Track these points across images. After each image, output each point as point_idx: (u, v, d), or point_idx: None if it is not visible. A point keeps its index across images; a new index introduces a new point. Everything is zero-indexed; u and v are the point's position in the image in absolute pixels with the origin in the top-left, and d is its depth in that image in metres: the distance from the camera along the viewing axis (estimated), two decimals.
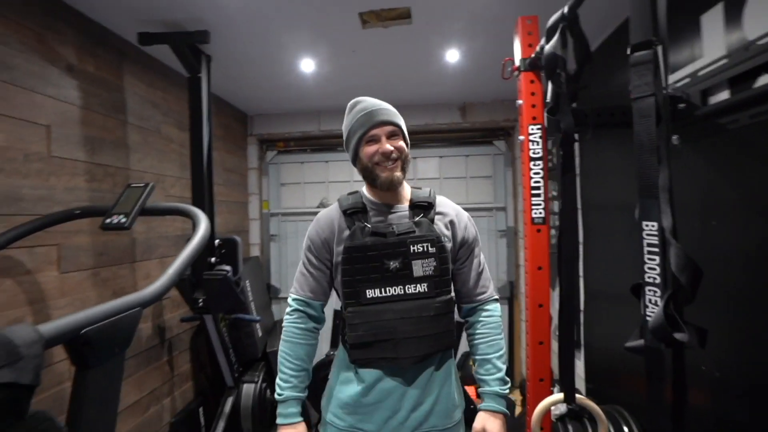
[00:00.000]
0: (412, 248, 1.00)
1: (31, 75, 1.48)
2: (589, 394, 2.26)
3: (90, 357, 0.73)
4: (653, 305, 0.72)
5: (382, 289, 1.00)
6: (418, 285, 1.00)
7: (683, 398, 0.72)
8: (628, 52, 0.75)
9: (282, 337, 1.08)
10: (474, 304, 1.14)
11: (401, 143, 1.06)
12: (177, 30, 1.85)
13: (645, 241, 0.73)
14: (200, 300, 1.94)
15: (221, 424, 2.12)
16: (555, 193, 2.63)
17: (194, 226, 1.22)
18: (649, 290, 0.73)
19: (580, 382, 2.38)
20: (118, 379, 0.79)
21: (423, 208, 1.07)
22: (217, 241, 2.01)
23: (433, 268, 1.01)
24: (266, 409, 2.38)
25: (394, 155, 1.03)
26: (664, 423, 0.71)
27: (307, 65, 2.36)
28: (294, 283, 1.11)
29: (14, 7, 1.42)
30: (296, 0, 1.67)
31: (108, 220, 1.27)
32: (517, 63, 1.54)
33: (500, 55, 1.66)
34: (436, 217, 1.08)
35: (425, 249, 1.00)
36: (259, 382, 2.34)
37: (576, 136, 1.15)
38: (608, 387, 2.13)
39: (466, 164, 3.32)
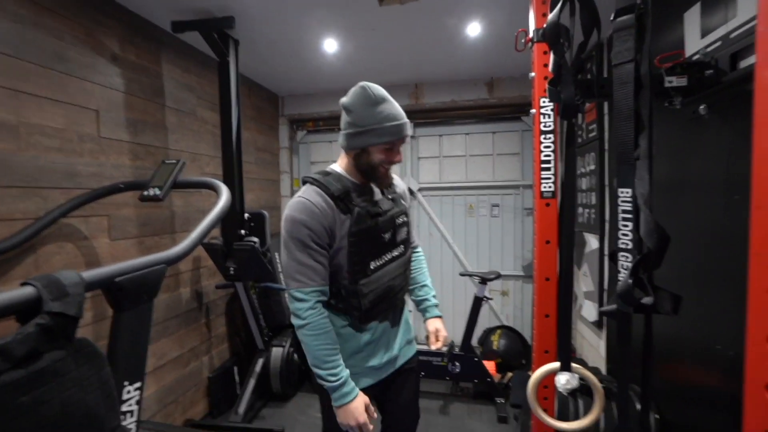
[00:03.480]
0: (396, 221, 1.21)
1: (82, 65, 1.66)
2: (609, 373, 2.24)
3: (123, 301, 0.87)
4: (625, 270, 0.74)
5: (379, 258, 1.16)
6: (399, 248, 1.23)
7: (651, 362, 0.74)
8: (611, 18, 0.75)
9: (309, 332, 1.06)
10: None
11: None
12: (205, 17, 1.97)
13: (620, 208, 0.75)
14: (231, 268, 2.12)
15: (252, 382, 2.34)
16: (584, 170, 2.54)
17: (217, 197, 1.35)
18: (622, 256, 0.75)
19: (601, 362, 2.36)
20: (148, 322, 0.93)
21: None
22: (246, 215, 2.18)
23: (406, 233, 1.26)
24: (293, 371, 2.59)
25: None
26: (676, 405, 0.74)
27: (330, 45, 2.41)
28: (298, 277, 1.06)
29: (67, 5, 1.60)
30: None
31: (145, 193, 1.44)
32: (531, 34, 1.51)
33: (524, 27, 1.62)
34: (396, 192, 1.27)
35: (403, 220, 1.24)
36: (287, 346, 2.54)
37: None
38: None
39: (492, 141, 3.27)
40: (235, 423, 2.16)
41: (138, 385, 0.89)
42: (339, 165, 1.18)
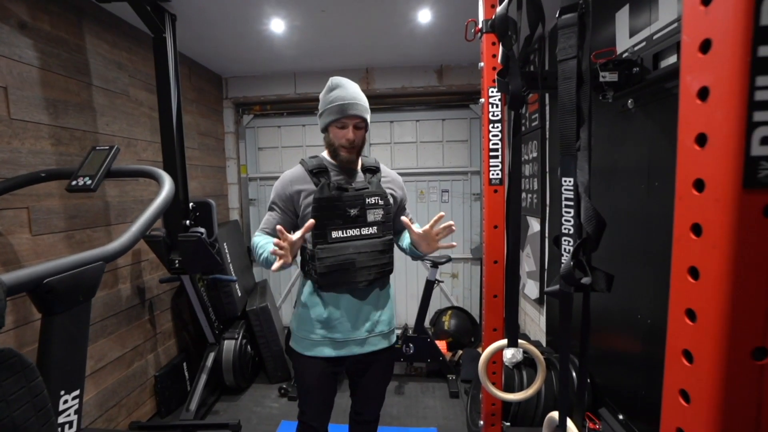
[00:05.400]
0: (367, 200, 1.28)
1: None
2: (549, 345, 2.45)
3: (55, 304, 0.79)
4: (567, 254, 0.80)
5: (344, 231, 1.25)
6: (371, 228, 1.29)
7: (588, 335, 0.82)
8: (557, 15, 0.79)
9: (256, 243, 1.27)
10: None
11: (362, 133, 1.30)
12: None
13: (564, 196, 0.81)
14: (176, 261, 2.00)
15: (203, 377, 2.25)
16: (527, 157, 2.69)
17: (159, 187, 1.25)
18: (565, 240, 0.81)
19: (541, 335, 2.56)
20: (85, 324, 0.86)
21: (372, 171, 1.36)
22: (191, 204, 2.05)
23: (381, 216, 1.30)
24: (247, 362, 2.53)
25: (355, 143, 1.27)
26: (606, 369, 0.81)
27: (277, 25, 2.30)
28: (261, 226, 1.32)
29: None
30: None
31: (74, 183, 1.29)
32: (480, 25, 1.54)
33: (473, 17, 1.65)
34: (382, 179, 1.37)
35: (376, 201, 1.29)
36: (239, 338, 2.46)
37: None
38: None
39: (442, 128, 3.34)
40: (187, 420, 2.08)
41: (76, 393, 0.82)
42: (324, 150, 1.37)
